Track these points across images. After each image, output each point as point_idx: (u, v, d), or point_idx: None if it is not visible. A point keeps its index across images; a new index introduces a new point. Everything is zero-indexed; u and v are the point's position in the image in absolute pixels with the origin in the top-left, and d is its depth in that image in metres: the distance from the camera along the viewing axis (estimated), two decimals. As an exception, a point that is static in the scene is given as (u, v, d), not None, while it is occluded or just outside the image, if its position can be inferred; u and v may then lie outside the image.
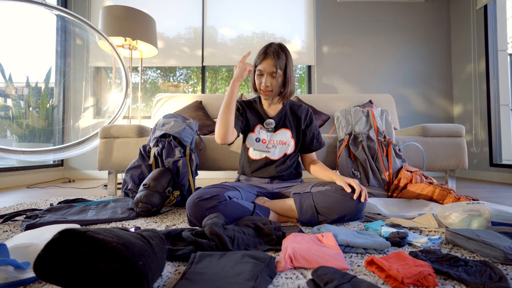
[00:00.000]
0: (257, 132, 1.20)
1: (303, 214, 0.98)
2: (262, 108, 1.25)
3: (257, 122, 1.22)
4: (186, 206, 0.93)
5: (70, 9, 3.09)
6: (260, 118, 1.23)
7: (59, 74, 3.03)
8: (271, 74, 1.12)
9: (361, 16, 3.22)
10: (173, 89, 3.45)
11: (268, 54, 1.12)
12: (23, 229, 0.94)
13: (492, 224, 0.84)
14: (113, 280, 0.46)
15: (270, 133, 1.20)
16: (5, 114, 2.69)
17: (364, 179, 1.47)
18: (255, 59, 1.17)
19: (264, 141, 1.19)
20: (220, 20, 3.22)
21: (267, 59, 1.12)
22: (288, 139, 1.20)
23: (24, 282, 0.55)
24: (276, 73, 1.11)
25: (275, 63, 1.11)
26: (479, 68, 2.86)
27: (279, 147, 1.19)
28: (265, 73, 1.12)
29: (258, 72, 1.14)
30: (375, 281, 0.57)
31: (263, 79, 1.13)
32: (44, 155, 2.18)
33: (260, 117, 1.23)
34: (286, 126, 1.22)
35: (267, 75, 1.12)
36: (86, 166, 3.03)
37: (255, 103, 1.27)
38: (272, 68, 1.11)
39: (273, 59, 1.11)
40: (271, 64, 1.11)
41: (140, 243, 0.50)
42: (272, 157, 1.18)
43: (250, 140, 1.21)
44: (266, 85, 1.13)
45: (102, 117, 3.07)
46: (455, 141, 1.71)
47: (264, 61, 1.12)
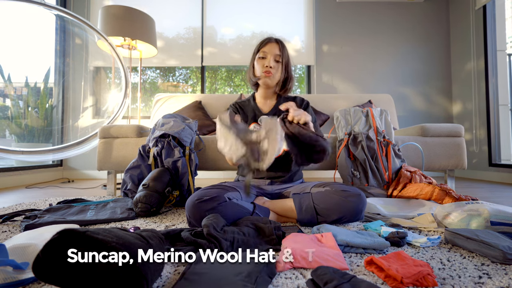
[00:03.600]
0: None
1: (303, 214, 0.98)
2: (256, 106, 1.22)
3: (252, 121, 1.19)
4: (186, 208, 0.93)
5: (69, 9, 3.08)
6: (253, 116, 1.20)
7: (58, 74, 3.02)
8: (275, 58, 1.11)
9: (361, 16, 3.22)
10: (173, 89, 3.45)
11: (272, 40, 1.11)
12: (22, 229, 0.94)
13: (491, 224, 0.84)
14: (112, 280, 0.46)
15: None
16: (4, 114, 2.69)
17: (363, 179, 1.47)
18: (256, 47, 1.15)
19: None
20: (220, 20, 3.22)
21: (272, 43, 1.11)
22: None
23: (23, 282, 0.55)
24: (281, 57, 1.10)
25: (280, 48, 1.10)
26: (478, 68, 2.87)
27: None
28: (269, 54, 1.10)
29: (260, 55, 1.12)
30: (375, 281, 0.57)
31: (266, 62, 1.10)
32: (43, 155, 2.17)
33: (254, 114, 1.21)
34: None
35: (271, 57, 1.10)
36: (85, 166, 3.03)
37: (249, 102, 1.25)
38: (278, 51, 1.10)
39: (278, 44, 1.11)
40: (276, 47, 1.10)
41: (140, 243, 0.50)
42: None
43: None
44: (270, 66, 1.10)
45: (102, 117, 3.06)
46: (454, 141, 1.72)
47: (268, 44, 1.11)
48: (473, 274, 0.60)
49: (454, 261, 0.68)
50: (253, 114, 1.21)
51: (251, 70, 1.18)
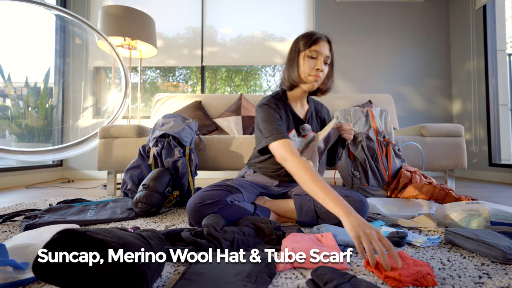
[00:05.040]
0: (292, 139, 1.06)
1: (303, 217, 0.97)
2: (292, 109, 1.10)
3: (292, 127, 1.08)
4: (187, 210, 0.91)
5: (69, 8, 3.08)
6: (293, 122, 1.09)
7: (58, 74, 3.02)
8: (325, 60, 1.00)
9: (360, 16, 3.22)
10: (173, 89, 3.45)
11: (323, 38, 1.00)
12: (22, 229, 0.94)
13: (491, 224, 0.84)
14: (112, 281, 0.46)
15: (301, 137, 1.08)
16: (4, 114, 2.69)
17: (363, 179, 1.47)
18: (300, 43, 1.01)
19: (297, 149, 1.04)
20: (220, 20, 3.22)
21: (324, 41, 1.00)
22: None
23: (23, 282, 0.55)
24: (331, 59, 1.02)
25: (331, 48, 1.01)
26: (478, 68, 2.87)
27: None
28: (320, 56, 0.99)
29: (311, 54, 0.99)
30: (375, 281, 0.57)
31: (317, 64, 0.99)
32: (43, 155, 2.17)
33: (293, 120, 1.09)
34: (314, 130, 1.12)
35: (322, 58, 0.99)
36: (85, 166, 3.03)
37: (283, 102, 1.08)
38: (328, 52, 1.00)
39: (329, 44, 1.01)
40: (327, 48, 1.00)
41: (140, 243, 0.50)
42: None
43: None
44: (321, 70, 0.99)
45: (102, 117, 3.06)
46: (454, 141, 1.72)
47: (320, 42, 0.99)
48: (473, 274, 0.60)
49: (454, 261, 0.68)
50: (291, 118, 1.09)
51: (295, 69, 1.02)
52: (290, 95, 1.11)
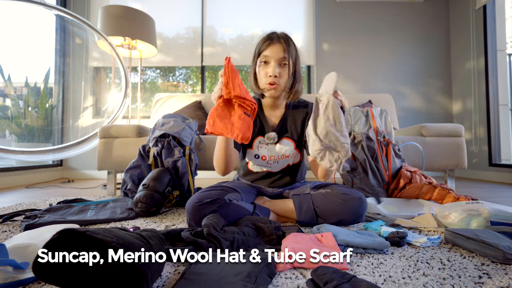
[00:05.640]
0: (255, 147, 1.05)
1: (302, 216, 0.97)
2: (263, 114, 1.06)
3: (256, 134, 1.04)
4: (186, 210, 0.91)
5: (69, 8, 3.08)
6: (260, 129, 1.05)
7: (58, 73, 3.02)
8: (279, 62, 0.93)
9: (361, 16, 3.22)
10: (173, 89, 3.45)
11: (274, 39, 0.94)
12: (22, 229, 0.94)
13: (491, 224, 0.84)
14: (112, 281, 0.46)
15: (271, 145, 1.04)
16: (4, 114, 2.69)
17: (363, 179, 1.47)
18: (256, 48, 0.97)
19: (264, 157, 1.04)
20: (220, 20, 3.22)
21: (275, 43, 0.93)
22: (291, 151, 1.04)
23: (23, 282, 0.55)
24: (287, 59, 0.93)
25: (285, 48, 0.92)
26: (478, 68, 2.86)
27: (282, 162, 1.06)
28: (272, 60, 0.93)
29: (262, 59, 0.94)
30: (375, 281, 0.57)
31: (269, 70, 0.93)
32: (43, 155, 2.18)
33: (261, 126, 1.05)
34: (289, 136, 1.05)
35: (275, 63, 0.93)
36: (85, 166, 3.03)
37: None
38: (282, 53, 0.92)
39: (283, 44, 0.93)
40: (280, 49, 0.92)
41: (140, 243, 0.50)
42: (274, 170, 1.08)
43: (249, 155, 1.07)
44: (274, 75, 0.92)
45: (102, 117, 3.06)
46: (454, 141, 1.72)
47: (271, 46, 0.93)
48: (473, 274, 0.60)
49: (454, 261, 0.68)
50: (260, 125, 1.05)
51: (253, 79, 1.00)
52: (263, 102, 1.08)
